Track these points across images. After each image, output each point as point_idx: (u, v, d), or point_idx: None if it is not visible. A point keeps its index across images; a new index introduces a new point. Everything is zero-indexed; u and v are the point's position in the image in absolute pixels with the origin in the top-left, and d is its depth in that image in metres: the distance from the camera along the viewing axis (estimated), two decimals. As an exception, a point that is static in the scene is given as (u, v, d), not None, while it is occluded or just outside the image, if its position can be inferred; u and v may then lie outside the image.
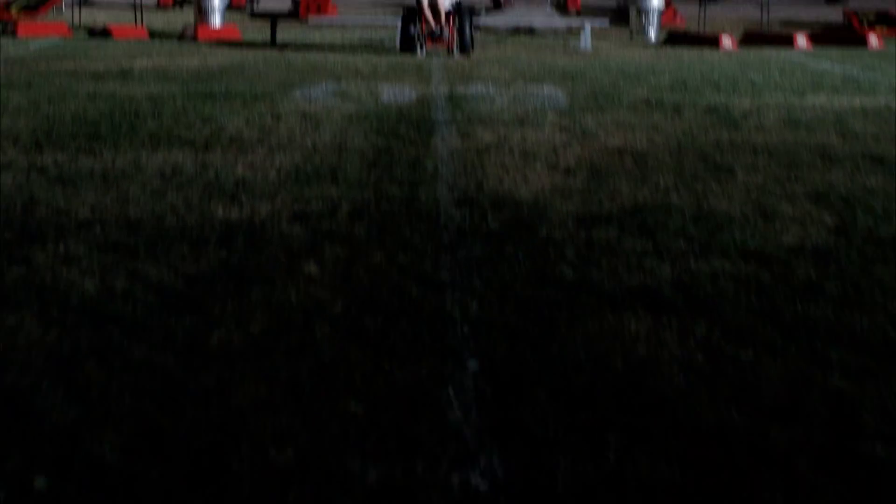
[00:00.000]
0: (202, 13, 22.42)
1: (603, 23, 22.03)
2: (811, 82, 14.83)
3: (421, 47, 18.15)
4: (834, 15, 27.90)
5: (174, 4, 26.73)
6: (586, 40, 20.08)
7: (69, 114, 10.64)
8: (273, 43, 19.78)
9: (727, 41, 20.49)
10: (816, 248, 6.07)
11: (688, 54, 19.34)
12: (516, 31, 23.38)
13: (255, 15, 26.55)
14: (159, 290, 5.15)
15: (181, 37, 21.09)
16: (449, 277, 5.40)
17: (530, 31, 23.40)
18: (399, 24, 18.84)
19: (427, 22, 18.28)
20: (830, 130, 10.39)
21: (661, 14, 23.24)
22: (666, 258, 5.81)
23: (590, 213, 6.78)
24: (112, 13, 26.25)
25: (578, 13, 27.95)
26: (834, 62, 18.33)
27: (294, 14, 25.71)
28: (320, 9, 25.53)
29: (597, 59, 18.31)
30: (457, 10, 18.34)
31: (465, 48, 18.21)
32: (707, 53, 19.49)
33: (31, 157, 8.42)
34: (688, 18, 26.57)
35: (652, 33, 22.87)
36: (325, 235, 6.13)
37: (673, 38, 21.35)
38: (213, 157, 8.48)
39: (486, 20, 24.25)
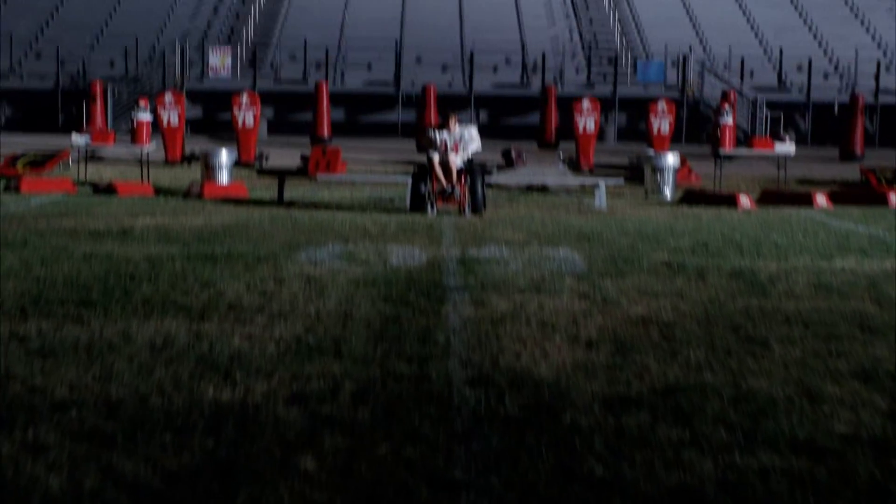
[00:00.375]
0: (209, 170, 22.12)
1: (618, 181, 21.68)
2: (837, 243, 14.31)
3: (432, 206, 17.73)
4: (850, 172, 27.56)
5: (182, 161, 26.48)
6: (601, 199, 19.68)
7: (61, 276, 10.11)
8: (280, 201, 19.40)
9: (745, 200, 20.08)
10: (873, 439, 5.45)
11: (706, 213, 18.90)
12: (529, 189, 23.03)
13: (263, 172, 26.27)
14: (133, 490, 4.53)
15: (187, 194, 20.73)
16: (463, 475, 4.78)
17: (543, 189, 23.03)
18: (409, 182, 18.48)
19: (438, 180, 17.91)
20: (865, 297, 9.81)
21: (677, 172, 22.90)
22: (707, 451, 5.19)
23: (617, 395, 6.17)
24: (119, 169, 26.00)
25: (591, 171, 27.65)
26: (857, 222, 17.84)
27: (303, 171, 25.43)
28: (330, 166, 25.25)
29: (612, 218, 17.85)
30: (468, 169, 17.98)
31: (477, 207, 17.79)
32: (725, 213, 19.05)
33: (14, 325, 7.86)
34: (703, 176, 26.24)
35: (667, 191, 22.49)
36: (324, 422, 5.53)
37: (690, 196, 20.94)
38: (208, 326, 7.91)
39: (498, 178, 23.95)
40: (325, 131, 34.46)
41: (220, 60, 37.55)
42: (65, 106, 38.97)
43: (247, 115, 27.61)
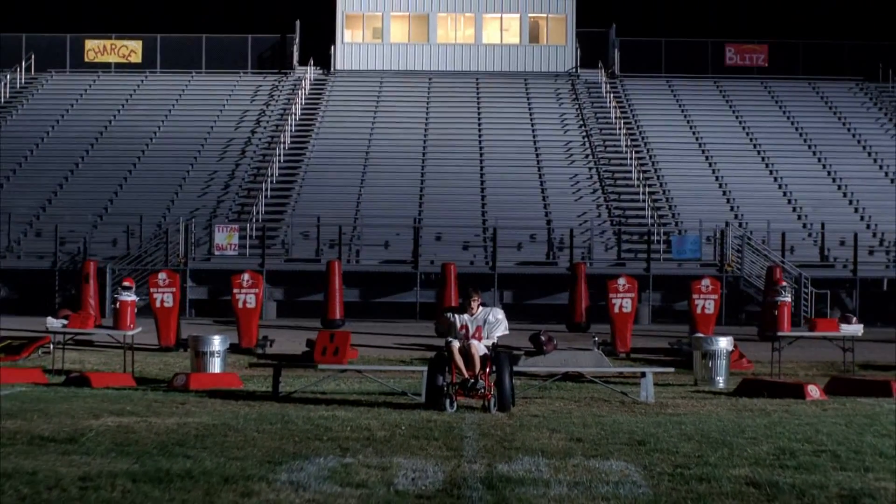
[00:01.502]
0: (199, 358, 19.53)
1: (666, 369, 18.97)
2: (954, 450, 11.50)
3: (451, 401, 15.01)
4: (916, 356, 24.72)
5: (177, 346, 23.90)
6: (648, 390, 16.93)
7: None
8: (275, 395, 16.70)
9: (814, 390, 17.32)
10: None
11: (771, 406, 16.14)
12: (562, 378, 20.33)
13: (265, 358, 23.63)
14: None
15: (170, 385, 18.08)
16: None
17: (577, 378, 20.32)
18: (425, 372, 15.81)
19: (458, 371, 15.26)
20: None
21: (730, 356, 20.18)
22: None
23: None
24: (108, 355, 23.39)
25: (628, 355, 24.93)
26: (954, 418, 15.02)
27: (308, 357, 22.76)
28: (338, 353, 22.60)
29: (664, 414, 15.09)
30: (494, 357, 15.35)
31: (504, 403, 15.06)
32: (793, 406, 16.27)
33: None
34: (754, 361, 23.45)
35: (720, 380, 19.73)
36: None
37: (747, 386, 18.18)
38: None
39: (526, 365, 21.28)
40: (338, 313, 31.94)
41: (226, 239, 35.37)
42: (63, 286, 36.68)
43: (248, 296, 25.12)
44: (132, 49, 56.43)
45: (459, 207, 41.51)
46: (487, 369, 15.29)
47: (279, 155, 45.44)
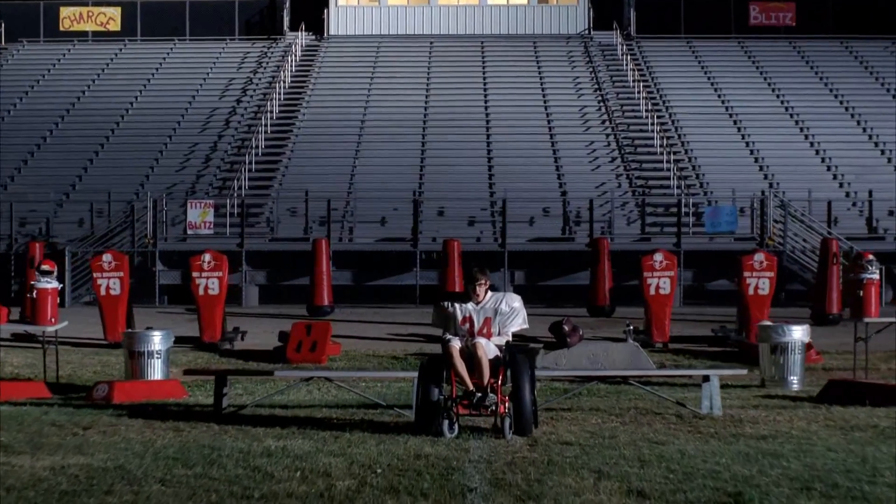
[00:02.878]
0: (133, 359, 15.42)
1: (737, 370, 14.79)
2: None
3: (450, 423, 10.92)
4: None
5: (126, 342, 19.71)
6: (714, 400, 12.78)
7: None
8: (217, 413, 12.60)
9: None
10: None
11: (881, 419, 12.04)
12: (591, 378, 16.31)
13: (229, 354, 19.61)
14: None
15: (89, 398, 13.99)
16: None
17: (609, 378, 16.27)
18: (415, 382, 11.64)
19: (460, 380, 11.19)
20: None
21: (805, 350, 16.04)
22: None
23: None
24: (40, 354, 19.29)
25: (666, 345, 20.82)
26: None
27: (280, 354, 18.74)
28: (316, 347, 18.55)
29: (746, 437, 10.99)
30: (508, 361, 11.22)
31: (523, 425, 10.93)
32: (906, 418, 12.19)
33: None
34: (823, 352, 19.35)
35: (794, 380, 15.59)
36: None
37: (837, 389, 14.01)
38: None
39: (546, 361, 17.21)
40: (326, 298, 27.87)
41: (199, 216, 31.26)
42: (19, 273, 32.59)
43: (210, 280, 20.98)
44: (111, 16, 52.19)
45: (464, 179, 37.28)
46: (500, 377, 11.18)
47: (266, 125, 41.26)
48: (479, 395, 11.08)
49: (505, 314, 11.51)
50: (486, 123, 41.92)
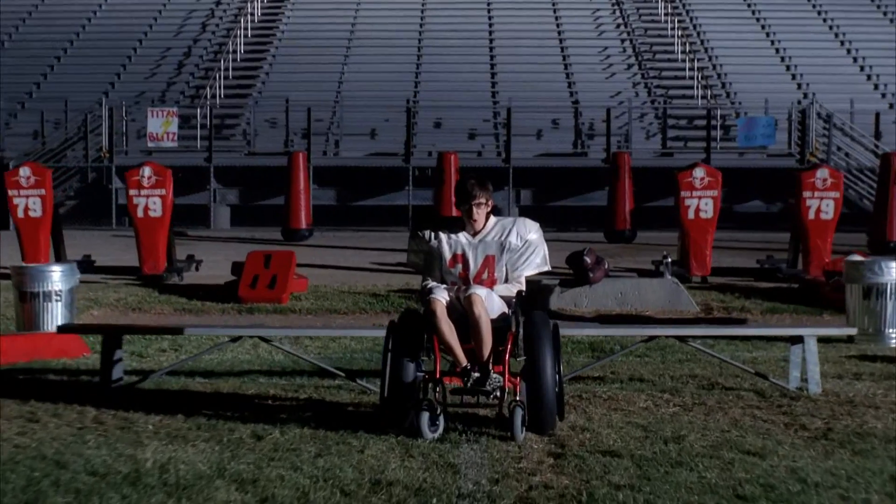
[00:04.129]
0: (24, 303, 11.73)
1: (844, 329, 10.99)
2: None
3: (432, 415, 7.23)
4: None
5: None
6: (810, 372, 9.02)
7: None
8: (105, 388, 8.89)
9: None
10: None
11: None
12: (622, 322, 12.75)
13: (169, 290, 15.99)
14: None
15: (-46, 359, 10.32)
16: None
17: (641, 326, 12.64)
18: (386, 352, 7.78)
19: (447, 351, 7.51)
20: None
21: (901, 292, 12.29)
22: None
23: None
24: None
25: (704, 279, 17.13)
26: None
27: (232, 290, 15.10)
28: (275, 282, 14.89)
29: (874, 437, 7.31)
30: (520, 320, 7.48)
31: (544, 419, 7.22)
32: None
33: None
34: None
35: (894, 334, 11.89)
36: None
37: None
38: None
39: (564, 305, 13.54)
40: (303, 221, 24.17)
41: (161, 126, 27.36)
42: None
43: (150, 200, 17.20)
44: (81, -89, 47.84)
45: (464, 87, 33.23)
46: (508, 346, 7.46)
47: (246, 28, 37.22)
48: (477, 374, 7.38)
49: (516, 250, 7.78)
50: (488, 26, 37.83)
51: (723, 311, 14.73)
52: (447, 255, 7.76)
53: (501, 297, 7.66)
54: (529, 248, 7.79)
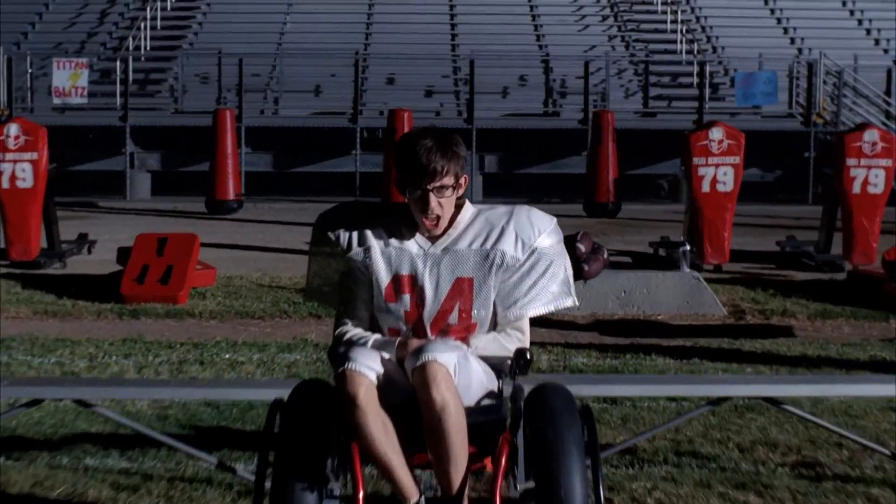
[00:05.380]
0: None
1: None
2: None
3: None
4: None
5: None
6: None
7: None
8: None
9: None
10: None
11: None
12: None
13: (38, 282, 12.35)
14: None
15: None
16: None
17: (657, 327, 9.26)
18: (264, 459, 4.11)
19: (379, 464, 3.97)
20: None
21: None
22: None
23: None
24: None
25: (719, 268, 13.70)
26: None
27: (114, 284, 11.49)
28: (170, 276, 11.29)
29: None
30: (522, 405, 3.94)
31: None
32: None
33: None
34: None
35: None
36: None
37: None
38: None
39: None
40: (231, 191, 20.61)
41: (69, 79, 23.52)
42: None
43: (18, 166, 13.51)
44: None
45: (420, 39, 29.52)
46: (501, 463, 3.90)
47: (178, -27, 33.48)
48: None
49: (514, 268, 4.22)
50: (448, -28, 34.32)
51: (758, 316, 11.28)
52: (383, 277, 4.18)
53: (487, 362, 4.11)
54: (540, 264, 4.22)
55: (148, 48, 29.31)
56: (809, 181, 23.08)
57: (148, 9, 30.51)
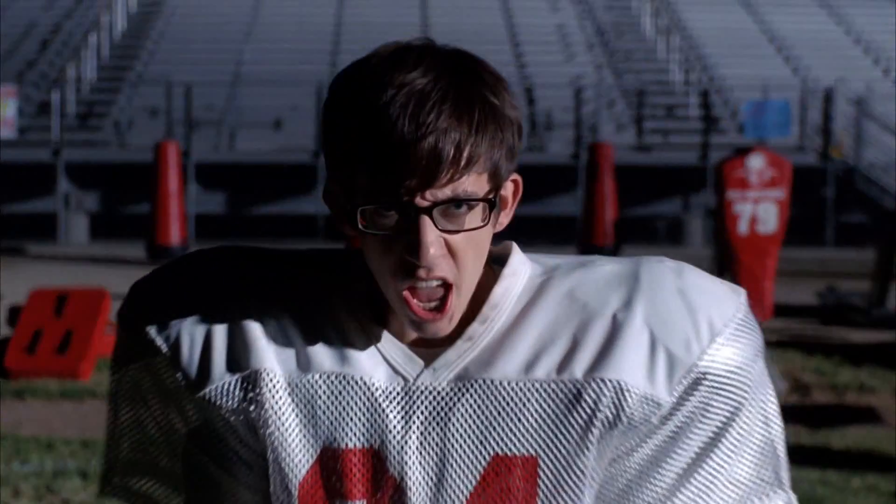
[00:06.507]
0: None
1: None
2: None
3: None
4: None
5: None
6: None
7: None
8: None
9: None
10: None
11: None
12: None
13: None
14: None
15: None
16: None
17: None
18: None
19: None
20: None
21: None
22: None
23: None
24: None
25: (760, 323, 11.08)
26: None
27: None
28: (70, 344, 8.68)
29: None
30: None
31: None
32: None
33: None
34: None
35: None
36: None
37: None
38: None
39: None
40: (175, 235, 18.14)
41: (-3, 109, 21.12)
42: None
43: None
44: None
45: (392, 69, 27.39)
46: None
47: (128, -1, 31.15)
48: None
49: (648, 432, 1.54)
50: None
51: (829, 393, 8.79)
52: (297, 454, 1.51)
53: None
54: (712, 415, 1.60)
55: (96, 79, 26.95)
56: (825, 222, 20.87)
57: (96, 34, 28.14)
